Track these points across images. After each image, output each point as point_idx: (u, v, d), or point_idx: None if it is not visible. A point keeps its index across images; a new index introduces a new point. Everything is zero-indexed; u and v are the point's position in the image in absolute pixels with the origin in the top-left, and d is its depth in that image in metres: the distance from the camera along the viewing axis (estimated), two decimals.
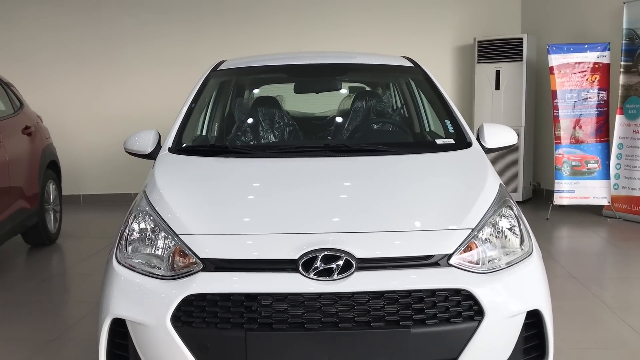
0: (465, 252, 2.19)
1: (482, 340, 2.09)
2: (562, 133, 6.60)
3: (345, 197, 2.42)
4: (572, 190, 6.59)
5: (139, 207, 2.43)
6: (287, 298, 2.05)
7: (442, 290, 2.07)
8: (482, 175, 2.60)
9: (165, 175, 2.67)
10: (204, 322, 2.06)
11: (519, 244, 2.35)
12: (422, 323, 2.04)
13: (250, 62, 3.78)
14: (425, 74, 3.53)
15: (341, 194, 2.44)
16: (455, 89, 8.10)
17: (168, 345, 2.08)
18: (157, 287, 2.15)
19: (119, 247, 2.36)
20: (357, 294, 2.05)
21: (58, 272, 5.11)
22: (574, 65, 6.54)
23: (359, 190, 2.50)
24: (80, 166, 7.83)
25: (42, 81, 7.73)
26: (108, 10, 7.81)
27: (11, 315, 3.91)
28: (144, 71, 7.82)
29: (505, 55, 7.35)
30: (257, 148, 3.27)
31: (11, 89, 5.49)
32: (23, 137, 5.16)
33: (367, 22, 7.90)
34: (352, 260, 2.08)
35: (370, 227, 2.22)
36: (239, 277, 2.09)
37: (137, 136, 3.18)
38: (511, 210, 2.41)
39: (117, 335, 2.25)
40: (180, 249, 2.20)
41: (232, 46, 7.52)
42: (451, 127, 3.11)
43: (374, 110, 3.72)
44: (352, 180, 2.59)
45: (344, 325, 2.03)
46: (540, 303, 2.25)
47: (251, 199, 2.45)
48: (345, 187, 2.52)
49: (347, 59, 3.93)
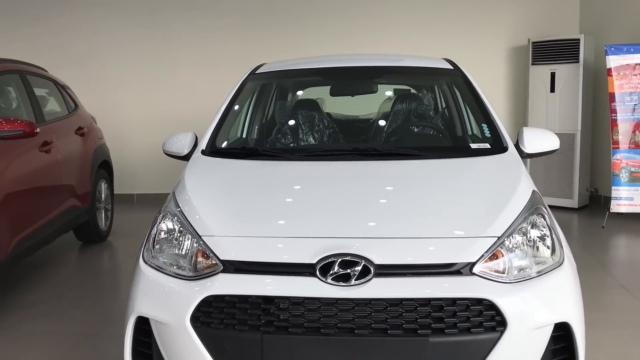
0: (490, 260, 2.12)
1: (505, 352, 2.01)
2: (620, 137, 6.33)
3: (367, 202, 2.38)
4: (631, 198, 6.29)
5: (167, 208, 2.48)
6: (304, 302, 2.03)
7: (463, 300, 2.01)
8: (514, 181, 2.51)
9: (194, 177, 2.71)
10: (222, 323, 2.07)
11: (550, 253, 2.25)
12: (441, 332, 1.99)
13: (288, 66, 3.79)
14: (465, 77, 3.45)
15: (364, 199, 2.40)
16: (509, 92, 7.90)
17: (187, 345, 2.10)
18: (178, 287, 2.18)
19: (146, 246, 2.41)
20: (375, 301, 2.01)
21: (107, 269, 5.28)
22: (634, 66, 6.26)
23: (383, 195, 2.46)
24: (134, 166, 8.07)
25: (98, 84, 8.01)
26: (162, 14, 8.02)
27: (58, 310, 4.06)
28: (196, 73, 7.98)
29: (561, 57, 7.10)
30: (287, 151, 3.27)
31: (67, 91, 5.71)
32: (76, 137, 5.36)
33: (416, 24, 7.80)
34: (371, 266, 2.05)
35: (390, 234, 2.18)
36: (257, 280, 2.09)
37: (175, 138, 3.25)
38: (543, 218, 2.32)
39: (142, 333, 2.30)
40: (203, 250, 2.22)
41: (281, 49, 7.57)
42: (488, 131, 3.02)
43: (414, 113, 3.66)
44: (377, 185, 2.54)
45: (360, 332, 1.99)
46: (570, 315, 2.14)
47: (274, 202, 2.45)
48: (369, 192, 2.47)
49: (383, 61, 3.88)
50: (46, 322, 3.84)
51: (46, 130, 4.70)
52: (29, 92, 4.76)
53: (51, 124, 4.91)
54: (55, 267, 5.13)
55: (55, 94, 5.50)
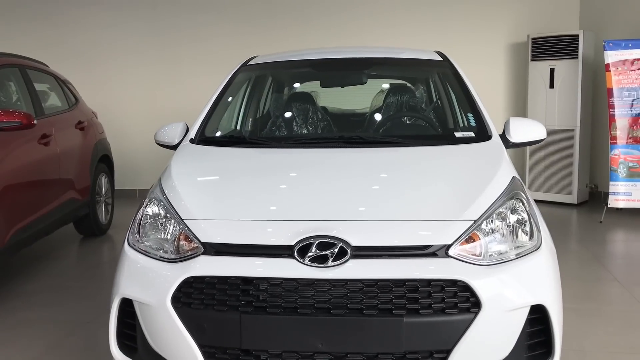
0: (466, 243, 2.15)
1: (479, 333, 2.04)
2: (618, 133, 6.33)
3: (347, 186, 2.42)
4: (629, 193, 6.29)
5: (152, 194, 2.53)
6: (282, 283, 2.07)
7: (437, 281, 2.05)
8: (494, 167, 2.54)
9: (180, 164, 2.76)
10: (202, 304, 2.12)
11: (528, 238, 2.28)
12: (415, 313, 2.02)
13: (279, 57, 3.83)
14: (454, 68, 3.48)
15: (344, 183, 2.44)
16: (508, 87, 7.91)
17: (168, 325, 2.15)
18: (160, 269, 2.23)
19: (132, 231, 2.46)
20: (351, 281, 2.05)
21: (106, 261, 5.33)
22: (632, 62, 6.26)
23: (364, 180, 2.49)
24: (136, 161, 8.14)
25: (100, 79, 8.09)
26: (163, 9, 8.10)
27: (56, 299, 4.12)
28: (197, 68, 8.04)
29: (560, 53, 7.11)
30: (274, 139, 3.32)
31: (67, 85, 5.78)
32: (76, 131, 5.42)
33: (418, 20, 7.83)
34: (347, 247, 2.09)
35: (367, 216, 2.22)
36: (236, 261, 2.13)
37: (167, 128, 3.30)
38: (522, 203, 2.35)
39: (127, 315, 2.35)
40: (185, 233, 2.27)
41: (280, 44, 7.60)
42: (473, 121, 3.05)
43: (406, 105, 3.69)
44: (359, 170, 2.58)
45: (336, 312, 2.03)
46: (545, 298, 2.17)
47: (254, 187, 2.49)
48: (351, 177, 2.51)
49: (373, 53, 3.92)
50: (43, 310, 3.91)
51: (45, 123, 4.77)
52: (28, 86, 4.83)
53: (50, 118, 4.98)
54: (55, 259, 5.20)
55: (55, 89, 5.57)
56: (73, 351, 3.24)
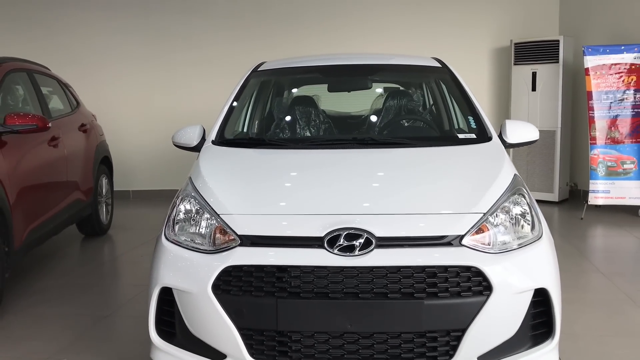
0: (477, 233, 2.40)
1: (490, 314, 2.28)
2: (597, 134, 6.67)
3: (368, 182, 2.67)
4: (608, 191, 6.64)
5: (185, 192, 2.73)
6: (314, 271, 2.29)
7: (453, 267, 2.28)
8: (498, 165, 2.80)
9: (208, 164, 2.97)
10: (240, 291, 2.33)
11: (530, 228, 2.54)
12: (434, 296, 2.26)
13: (288, 64, 4.06)
14: (452, 74, 3.74)
15: (365, 180, 2.68)
16: (492, 91, 8.22)
17: (209, 311, 2.35)
18: (200, 260, 2.43)
19: (167, 226, 2.65)
20: (376, 268, 2.28)
21: (110, 259, 5.50)
22: (610, 66, 6.60)
23: (382, 177, 2.74)
24: (131, 163, 8.28)
25: (97, 82, 8.21)
26: (158, 15, 8.25)
27: (69, 295, 4.28)
28: (191, 73, 8.22)
29: (542, 57, 7.44)
30: (292, 140, 3.54)
31: (69, 89, 5.92)
32: (79, 134, 5.57)
33: (406, 27, 8.09)
34: (372, 238, 2.32)
35: (389, 210, 2.46)
36: (271, 252, 2.35)
37: (184, 131, 3.49)
38: (524, 197, 2.60)
39: (164, 303, 2.54)
40: (221, 227, 2.47)
41: (273, 52, 7.81)
42: (473, 123, 3.31)
43: (404, 108, 3.94)
44: (376, 168, 2.83)
45: (363, 296, 2.26)
46: (547, 282, 2.42)
47: (284, 184, 2.72)
48: (369, 174, 2.76)
49: (378, 60, 4.17)
50: (60, 305, 4.06)
51: (53, 126, 4.90)
52: (36, 89, 4.98)
53: (57, 120, 5.12)
54: (61, 258, 5.34)
55: (58, 92, 5.70)
56: (95, 343, 3.40)
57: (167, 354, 2.54)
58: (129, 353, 3.24)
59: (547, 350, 2.46)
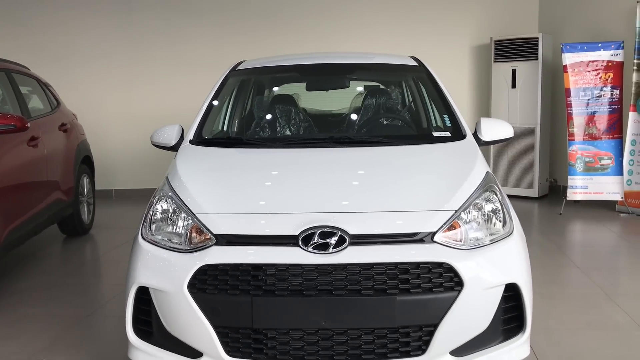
0: (449, 230, 2.44)
1: (462, 309, 2.33)
2: (575, 130, 6.76)
3: (343, 181, 2.70)
4: (586, 186, 6.74)
5: (162, 191, 2.74)
6: (289, 268, 2.32)
7: (425, 264, 2.33)
8: (470, 163, 2.84)
9: (185, 164, 2.99)
10: (216, 289, 2.35)
11: (501, 225, 2.58)
12: (407, 292, 2.30)
13: (266, 63, 4.08)
14: (429, 73, 3.78)
15: (340, 179, 2.72)
16: (473, 88, 8.30)
17: (185, 309, 2.37)
18: (176, 259, 2.45)
19: (144, 225, 2.67)
20: (350, 266, 2.31)
21: (91, 259, 5.49)
22: (588, 63, 6.69)
23: (356, 176, 2.78)
24: (113, 162, 8.26)
25: (77, 81, 8.18)
26: (139, 13, 8.23)
27: (50, 295, 4.28)
28: (173, 72, 8.21)
29: (521, 55, 7.53)
30: (268, 140, 3.57)
31: (49, 88, 5.90)
32: (60, 133, 5.55)
33: (387, 24, 8.15)
34: (346, 236, 2.35)
35: (362, 208, 2.49)
36: (247, 251, 2.38)
37: (163, 130, 3.51)
38: (495, 195, 2.65)
39: (142, 302, 2.56)
40: (197, 226, 2.50)
41: (255, 49, 7.84)
42: (448, 121, 3.36)
43: (383, 107, 3.98)
44: (350, 167, 2.86)
45: (337, 293, 2.30)
46: (518, 277, 2.47)
47: (260, 183, 2.75)
48: (343, 173, 2.80)
49: (355, 59, 4.21)
50: (40, 306, 4.06)
51: (33, 125, 4.89)
52: (15, 89, 4.95)
53: (37, 120, 5.11)
54: (42, 257, 5.33)
55: (38, 92, 5.68)
56: (75, 343, 3.41)
57: (144, 353, 2.56)
58: (109, 353, 3.26)
59: (519, 344, 2.51)
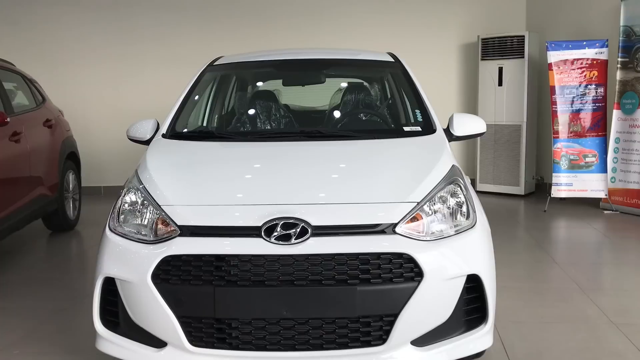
0: (411, 222, 2.47)
1: (422, 299, 2.36)
2: (560, 127, 6.80)
3: (308, 173, 2.73)
4: (570, 184, 6.77)
5: (130, 184, 2.78)
6: (251, 259, 2.35)
7: (385, 254, 2.36)
8: (436, 157, 2.87)
9: (154, 157, 3.02)
10: (179, 280, 2.38)
11: (465, 218, 2.61)
12: (367, 282, 2.33)
13: (243, 58, 4.11)
14: (404, 68, 3.81)
15: (305, 171, 2.75)
16: (460, 86, 8.33)
17: (149, 300, 2.40)
18: (141, 250, 2.48)
19: (112, 217, 2.71)
20: (311, 256, 2.34)
21: (75, 254, 5.52)
22: (572, 61, 6.73)
23: (321, 168, 2.81)
24: (102, 159, 8.27)
25: (65, 78, 8.19)
26: (126, 9, 8.24)
27: (29, 289, 4.30)
28: (160, 68, 8.22)
29: (508, 53, 7.56)
30: (240, 134, 3.60)
31: (35, 85, 5.92)
32: (44, 129, 5.58)
33: (374, 24, 8.18)
34: (308, 227, 2.38)
35: (326, 200, 2.52)
36: (210, 242, 2.41)
37: (138, 124, 3.54)
38: (459, 187, 2.68)
39: (109, 293, 2.59)
40: (162, 218, 2.53)
41: (242, 46, 7.85)
42: (420, 116, 3.39)
43: (362, 102, 4.01)
44: (317, 160, 2.90)
45: (299, 283, 2.33)
46: (480, 269, 2.50)
47: (224, 176, 2.78)
48: (310, 165, 2.83)
49: (331, 54, 4.24)
50: (18, 299, 4.09)
51: (15, 121, 4.92)
52: None
53: (20, 116, 5.13)
54: (26, 253, 5.35)
55: (23, 88, 5.70)
56: (49, 336, 3.43)
57: (111, 343, 2.60)
58: (81, 344, 3.27)
59: (481, 335, 2.54)
